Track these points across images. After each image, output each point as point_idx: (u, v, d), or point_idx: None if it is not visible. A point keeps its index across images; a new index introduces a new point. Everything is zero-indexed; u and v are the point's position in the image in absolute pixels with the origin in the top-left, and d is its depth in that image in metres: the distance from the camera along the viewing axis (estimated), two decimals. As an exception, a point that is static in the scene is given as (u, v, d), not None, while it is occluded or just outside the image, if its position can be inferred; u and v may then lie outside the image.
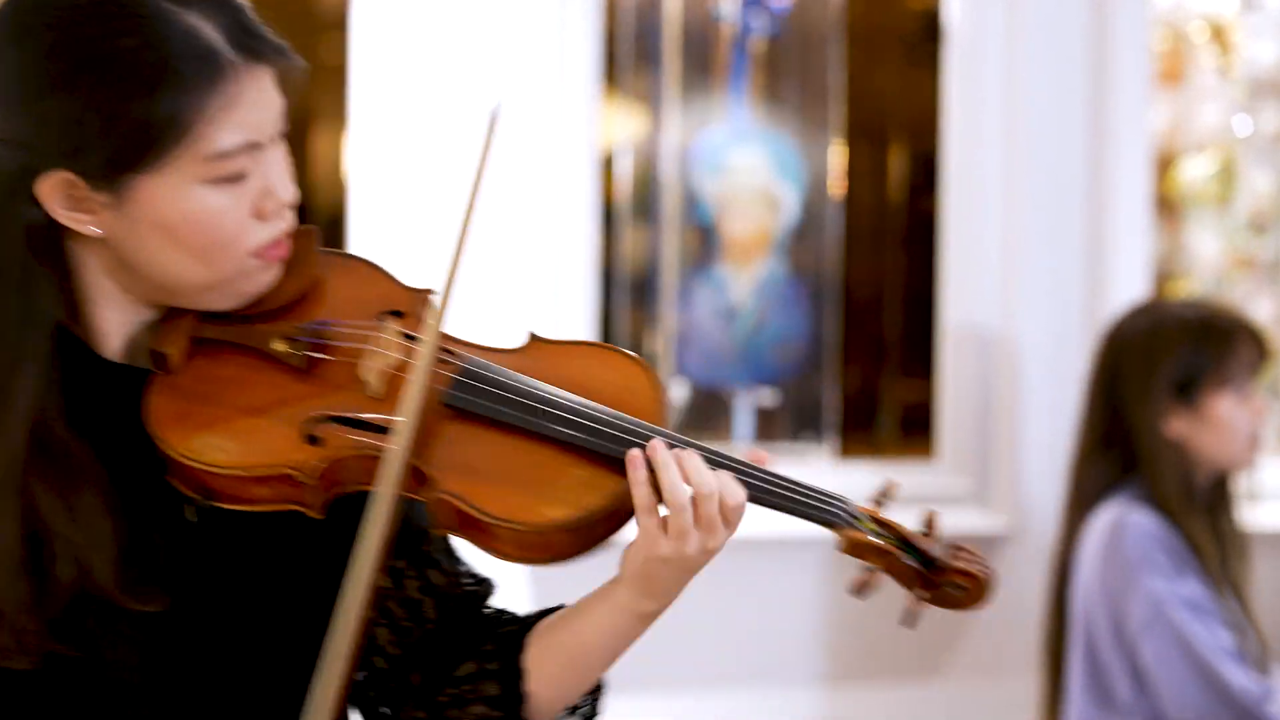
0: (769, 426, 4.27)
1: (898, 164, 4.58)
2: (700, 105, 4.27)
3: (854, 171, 4.44)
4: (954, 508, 4.25)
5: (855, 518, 1.71)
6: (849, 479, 4.67)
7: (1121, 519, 3.44)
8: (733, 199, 4.28)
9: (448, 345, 1.70)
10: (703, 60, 4.26)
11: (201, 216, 1.61)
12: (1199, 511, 3.47)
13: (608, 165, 4.16)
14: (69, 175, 1.60)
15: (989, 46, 4.27)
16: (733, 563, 4.16)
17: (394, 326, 1.71)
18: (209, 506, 1.65)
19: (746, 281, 4.28)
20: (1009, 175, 4.29)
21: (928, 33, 4.42)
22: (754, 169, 4.30)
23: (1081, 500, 3.57)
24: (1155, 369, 3.50)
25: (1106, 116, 4.35)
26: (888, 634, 4.18)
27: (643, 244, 4.23)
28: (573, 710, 1.77)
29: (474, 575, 1.81)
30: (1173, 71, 4.78)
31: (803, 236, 4.34)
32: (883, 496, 1.75)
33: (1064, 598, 3.58)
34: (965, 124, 4.29)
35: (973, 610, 1.75)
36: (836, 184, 4.37)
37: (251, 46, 1.63)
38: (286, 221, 1.67)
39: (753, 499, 1.67)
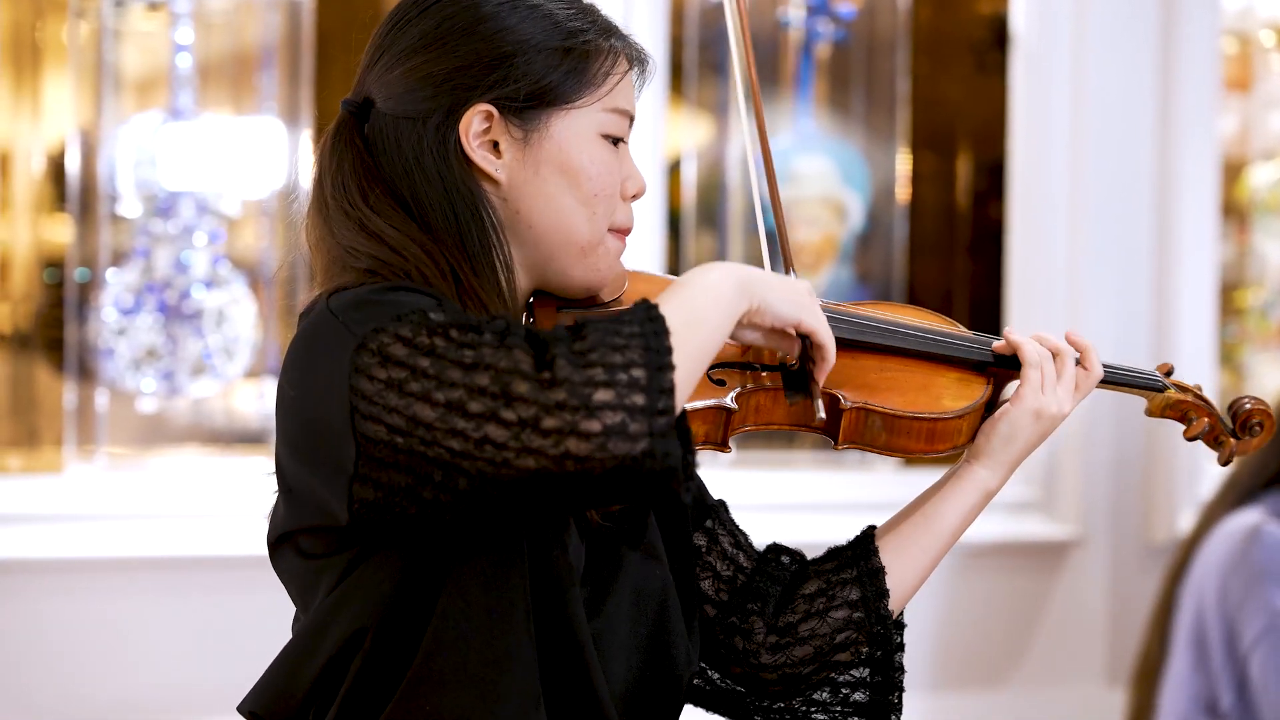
0: (834, 433, 4.27)
1: (964, 171, 4.58)
2: (766, 112, 4.28)
3: (920, 178, 4.44)
4: (1019, 516, 4.24)
5: (1167, 385, 2.04)
6: (915, 488, 4.66)
7: (1259, 526, 3.35)
8: (799, 206, 4.28)
9: None
10: (769, 67, 4.27)
11: (597, 161, 1.80)
12: None
13: (674, 171, 4.17)
14: (489, 108, 1.77)
15: (1057, 53, 4.26)
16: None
17: None
18: None
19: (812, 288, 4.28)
20: (1076, 182, 4.28)
21: (995, 39, 4.41)
22: (820, 176, 4.30)
23: (1227, 500, 3.46)
24: None
25: (1174, 123, 4.33)
26: (954, 644, 4.18)
27: (709, 250, 4.23)
28: (898, 625, 2.00)
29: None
30: (1241, 78, 4.76)
31: (869, 244, 4.34)
32: (1168, 372, 2.07)
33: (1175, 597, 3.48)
34: (1032, 131, 4.28)
35: (1267, 440, 2.06)
36: (903, 191, 4.37)
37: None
38: (633, 218, 1.86)
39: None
